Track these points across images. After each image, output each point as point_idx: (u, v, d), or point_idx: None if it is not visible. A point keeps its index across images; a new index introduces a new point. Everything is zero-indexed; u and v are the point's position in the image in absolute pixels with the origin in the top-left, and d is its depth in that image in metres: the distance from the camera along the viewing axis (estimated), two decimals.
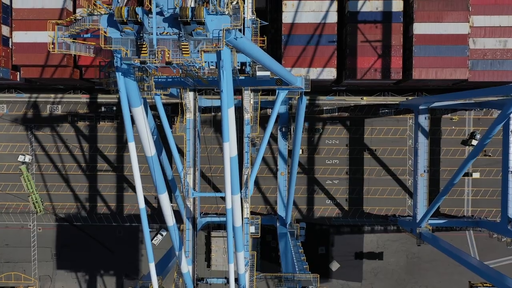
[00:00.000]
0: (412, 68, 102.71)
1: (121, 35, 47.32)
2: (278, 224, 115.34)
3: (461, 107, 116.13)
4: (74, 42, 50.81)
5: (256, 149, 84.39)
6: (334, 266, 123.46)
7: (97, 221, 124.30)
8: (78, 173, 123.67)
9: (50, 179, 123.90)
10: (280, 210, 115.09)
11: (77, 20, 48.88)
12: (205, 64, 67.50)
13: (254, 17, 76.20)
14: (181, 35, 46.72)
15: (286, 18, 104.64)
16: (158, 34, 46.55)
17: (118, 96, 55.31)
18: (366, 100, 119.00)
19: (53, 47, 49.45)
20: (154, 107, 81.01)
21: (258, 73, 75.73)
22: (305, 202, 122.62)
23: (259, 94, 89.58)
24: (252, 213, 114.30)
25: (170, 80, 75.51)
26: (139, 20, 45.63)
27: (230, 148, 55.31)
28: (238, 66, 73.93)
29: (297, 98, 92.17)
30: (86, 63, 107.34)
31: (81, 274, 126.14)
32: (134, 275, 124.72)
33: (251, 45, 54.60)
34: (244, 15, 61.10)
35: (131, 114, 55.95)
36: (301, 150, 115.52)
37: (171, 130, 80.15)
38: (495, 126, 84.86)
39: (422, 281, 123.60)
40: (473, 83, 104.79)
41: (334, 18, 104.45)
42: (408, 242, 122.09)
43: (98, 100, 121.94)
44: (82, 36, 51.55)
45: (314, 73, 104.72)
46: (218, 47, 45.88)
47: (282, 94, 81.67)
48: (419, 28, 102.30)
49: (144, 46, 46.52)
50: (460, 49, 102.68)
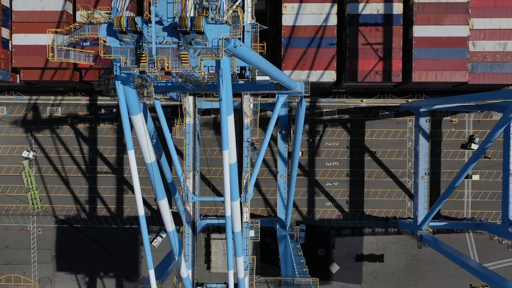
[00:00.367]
0: (412, 70, 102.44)
1: (120, 44, 47.26)
2: (278, 226, 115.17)
3: (461, 109, 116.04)
4: (73, 50, 50.68)
5: (256, 153, 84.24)
6: (334, 268, 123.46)
7: (97, 223, 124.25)
8: (78, 175, 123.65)
9: (50, 181, 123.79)
10: (280, 213, 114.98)
11: (76, 29, 48.74)
12: (204, 68, 67.38)
13: (253, 21, 76.03)
14: (180, 44, 46.59)
15: (286, 20, 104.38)
16: (157, 43, 46.41)
17: (117, 100, 55.20)
18: (366, 102, 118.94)
19: (52, 56, 49.29)
20: (153, 109, 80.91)
21: (258, 77, 75.45)
22: (305, 204, 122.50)
23: (259, 97, 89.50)
24: (252, 215, 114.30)
25: (170, 84, 75.31)
26: (138, 29, 45.58)
27: (229, 155, 55.23)
28: (237, 70, 73.73)
29: (297, 101, 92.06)
30: (86, 66, 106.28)
31: (81, 276, 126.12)
32: (134, 277, 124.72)
33: (251, 52, 54.45)
34: (243, 24, 60.82)
35: (130, 121, 55.88)
36: (301, 152, 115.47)
37: (171, 135, 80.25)
38: (497, 130, 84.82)
39: (421, 283, 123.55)
40: (473, 86, 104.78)
41: (334, 20, 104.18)
42: (408, 244, 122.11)
43: (98, 102, 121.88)
44: (81, 44, 51.46)
45: (314, 75, 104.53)
46: (218, 57, 45.82)
47: (281, 99, 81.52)
48: (419, 30, 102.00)
49: (143, 55, 46.45)
50: (459, 51, 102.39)
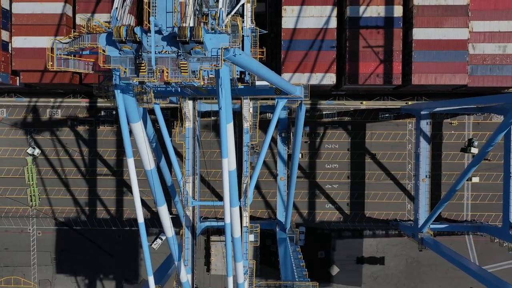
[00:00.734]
0: (411, 73, 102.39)
1: (119, 54, 47.23)
2: (277, 229, 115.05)
3: (462, 112, 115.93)
4: (73, 59, 50.69)
5: (255, 157, 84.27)
6: (334, 270, 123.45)
7: (96, 225, 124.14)
8: (77, 177, 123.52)
9: (49, 183, 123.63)
10: (279, 215, 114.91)
11: (75, 38, 48.72)
12: (203, 72, 67.32)
13: (253, 25, 76.08)
14: (179, 54, 46.57)
15: (286, 23, 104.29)
16: (156, 52, 46.40)
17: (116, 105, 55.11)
18: (365, 104, 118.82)
19: (51, 65, 49.30)
20: (153, 111, 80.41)
21: (258, 82, 75.57)
22: (305, 206, 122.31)
23: (259, 101, 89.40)
24: (251, 217, 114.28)
25: (169, 90, 75.29)
26: (138, 39, 45.54)
27: (229, 163, 55.13)
28: (237, 75, 73.75)
29: (296, 105, 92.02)
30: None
31: (80, 278, 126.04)
32: (134, 280, 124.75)
33: (250, 60, 54.41)
34: (242, 34, 60.78)
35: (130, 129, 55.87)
36: (300, 154, 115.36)
37: (170, 139, 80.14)
38: (498, 134, 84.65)
39: (421, 285, 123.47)
40: (472, 88, 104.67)
41: (333, 23, 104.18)
42: (407, 246, 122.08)
43: (98, 104, 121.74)
44: (80, 53, 51.43)
45: (314, 78, 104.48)
46: (217, 67, 45.78)
47: (281, 103, 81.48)
48: (419, 33, 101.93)
49: (142, 64, 46.42)
50: (459, 54, 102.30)
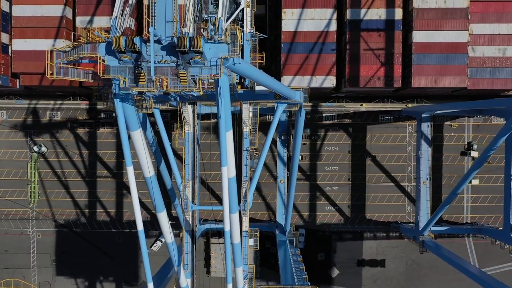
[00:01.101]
0: (411, 76, 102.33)
1: (119, 63, 47.22)
2: (277, 231, 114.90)
3: (463, 114, 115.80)
4: (72, 68, 50.73)
5: (255, 161, 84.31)
6: (334, 272, 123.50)
7: (96, 227, 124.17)
8: (77, 179, 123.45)
9: (49, 185, 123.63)
10: (279, 218, 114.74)
11: (75, 47, 48.71)
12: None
13: (253, 30, 76.11)
14: (179, 63, 46.54)
15: (286, 26, 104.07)
16: (156, 62, 46.35)
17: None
18: (365, 106, 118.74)
19: (51, 74, 49.32)
20: (152, 113, 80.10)
21: (257, 87, 75.59)
22: (306, 209, 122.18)
23: (259, 105, 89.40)
24: (251, 219, 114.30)
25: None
26: (137, 49, 45.50)
27: (228, 171, 55.05)
28: (237, 80, 73.79)
29: (296, 109, 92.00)
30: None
31: (80, 280, 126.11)
32: (134, 282, 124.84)
33: (250, 68, 54.34)
34: (242, 43, 60.76)
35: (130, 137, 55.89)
36: (300, 156, 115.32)
37: (170, 144, 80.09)
38: (499, 138, 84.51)
39: (421, 287, 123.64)
40: (472, 91, 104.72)
41: (334, 26, 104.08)
42: (407, 249, 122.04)
43: (98, 106, 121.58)
44: (80, 61, 51.46)
45: (315, 81, 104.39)
46: (216, 77, 45.72)
47: (281, 108, 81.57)
48: (419, 36, 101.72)
49: (142, 74, 46.39)
50: (459, 57, 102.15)
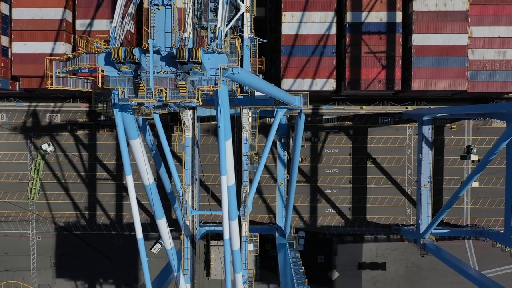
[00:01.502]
0: (411, 79, 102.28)
1: (118, 74, 47.16)
2: (277, 234, 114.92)
3: (463, 117, 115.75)
4: (72, 77, 50.76)
5: (254, 166, 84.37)
6: (334, 275, 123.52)
7: (96, 229, 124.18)
8: (77, 181, 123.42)
9: (49, 188, 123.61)
10: (279, 221, 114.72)
11: (74, 57, 48.71)
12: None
13: (252, 35, 76.13)
14: (178, 74, 46.49)
15: (286, 29, 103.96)
16: (155, 72, 46.33)
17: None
18: (365, 109, 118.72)
19: (50, 83, 49.34)
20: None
21: (257, 93, 75.63)
22: (306, 211, 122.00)
23: (258, 110, 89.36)
24: (252, 221, 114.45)
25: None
26: (136, 60, 45.44)
27: (227, 179, 54.99)
28: (236, 85, 73.73)
29: (296, 114, 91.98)
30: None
31: (80, 282, 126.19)
32: (134, 284, 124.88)
33: (249, 76, 54.38)
34: (241, 53, 60.75)
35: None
36: (300, 159, 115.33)
37: (169, 148, 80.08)
38: (501, 143, 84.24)
39: None
40: (472, 93, 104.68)
41: (334, 29, 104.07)
42: (407, 251, 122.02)
43: (98, 109, 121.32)
44: (79, 71, 51.48)
45: (315, 84, 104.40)
46: (216, 87, 45.64)
47: (280, 113, 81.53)
48: (418, 39, 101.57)
49: (141, 84, 46.35)
50: (459, 60, 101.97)
